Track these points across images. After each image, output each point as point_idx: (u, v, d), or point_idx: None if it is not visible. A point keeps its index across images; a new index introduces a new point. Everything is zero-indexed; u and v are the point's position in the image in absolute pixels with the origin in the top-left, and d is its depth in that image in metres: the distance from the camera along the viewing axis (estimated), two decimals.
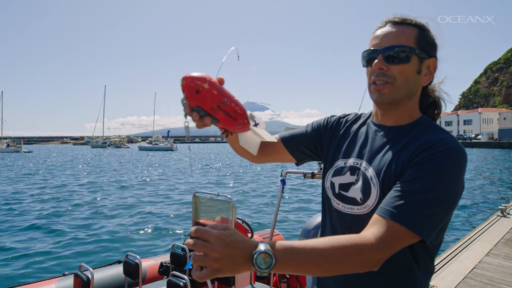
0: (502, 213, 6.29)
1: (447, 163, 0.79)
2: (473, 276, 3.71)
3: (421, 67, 0.91)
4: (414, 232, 0.76)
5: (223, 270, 0.64)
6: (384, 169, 0.88)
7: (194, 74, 0.71)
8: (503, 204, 6.85)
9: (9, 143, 73.02)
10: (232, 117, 0.77)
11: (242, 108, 0.79)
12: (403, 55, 0.88)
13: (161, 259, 3.44)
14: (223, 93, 0.74)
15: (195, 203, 3.42)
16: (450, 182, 0.79)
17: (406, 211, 0.77)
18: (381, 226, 0.77)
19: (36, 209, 9.93)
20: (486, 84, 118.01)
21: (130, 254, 2.93)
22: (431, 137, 0.85)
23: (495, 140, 61.93)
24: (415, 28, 0.91)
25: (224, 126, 0.80)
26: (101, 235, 7.41)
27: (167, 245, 6.92)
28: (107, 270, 3.20)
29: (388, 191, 0.84)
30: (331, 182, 1.00)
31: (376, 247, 0.74)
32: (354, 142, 1.01)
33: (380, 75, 0.90)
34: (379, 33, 0.93)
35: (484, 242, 4.77)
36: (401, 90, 0.90)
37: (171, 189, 14.51)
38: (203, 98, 0.71)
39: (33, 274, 5.29)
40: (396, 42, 0.89)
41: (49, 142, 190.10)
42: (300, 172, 3.61)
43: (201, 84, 0.70)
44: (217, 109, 0.74)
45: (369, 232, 0.77)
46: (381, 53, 0.90)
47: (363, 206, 0.90)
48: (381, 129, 0.97)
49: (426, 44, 0.91)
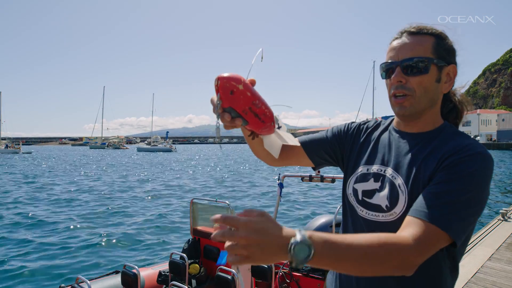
0: (503, 217, 6.26)
1: (476, 167, 0.79)
2: (476, 281, 3.67)
3: (440, 76, 0.90)
4: (448, 234, 0.75)
5: (252, 257, 0.62)
6: (413, 176, 0.87)
7: (229, 75, 0.70)
8: (504, 208, 6.82)
9: (7, 144, 72.77)
10: (261, 119, 0.76)
11: (270, 111, 0.79)
12: (421, 66, 0.88)
13: (159, 268, 3.37)
14: (255, 95, 0.74)
15: (193, 210, 3.36)
16: (479, 186, 0.79)
17: (441, 212, 0.76)
18: (417, 227, 0.75)
19: (27, 219, 9.77)
20: (484, 85, 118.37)
21: (127, 264, 2.88)
22: (457, 143, 0.85)
23: (494, 141, 62.09)
24: (432, 36, 0.91)
25: (253, 128, 0.79)
26: (96, 244, 7.31)
27: (161, 251, 6.85)
28: (104, 281, 3.14)
29: (416, 198, 0.83)
30: (354, 189, 0.99)
31: (415, 248, 0.72)
32: (376, 149, 1.01)
33: (399, 88, 0.90)
34: (396, 45, 0.92)
35: (486, 247, 4.73)
36: (421, 101, 0.90)
37: (169, 194, 14.43)
38: (237, 100, 0.70)
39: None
40: (413, 53, 0.88)
41: (48, 142, 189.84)
42: (298, 175, 3.58)
43: (236, 85, 0.69)
44: (248, 111, 0.73)
45: (406, 233, 0.75)
46: (399, 65, 0.90)
47: (389, 213, 0.89)
48: (404, 136, 0.96)
49: (444, 51, 0.90)
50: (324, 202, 11.82)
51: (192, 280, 3.02)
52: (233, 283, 2.62)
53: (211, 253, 3.19)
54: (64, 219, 9.45)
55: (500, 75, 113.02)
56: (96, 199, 12.77)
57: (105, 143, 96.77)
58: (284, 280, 3.46)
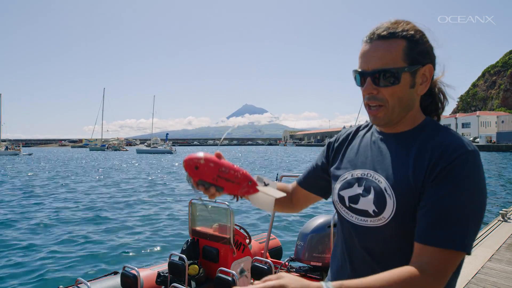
0: (503, 217, 6.25)
1: (470, 169, 0.78)
2: (476, 282, 3.66)
3: (414, 81, 0.88)
4: (465, 252, 0.75)
5: None
6: (399, 179, 0.85)
7: (190, 155, 0.81)
8: (504, 208, 6.80)
9: (7, 145, 72.65)
10: (235, 182, 0.84)
11: (243, 173, 0.86)
12: (392, 78, 0.85)
13: (158, 269, 3.35)
14: (220, 164, 0.83)
15: (191, 211, 3.35)
16: (479, 188, 0.78)
17: (453, 233, 0.75)
18: (434, 255, 0.75)
19: (23, 221, 9.74)
20: (484, 87, 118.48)
21: (127, 266, 2.86)
22: (443, 142, 0.83)
23: (493, 143, 62.08)
24: (404, 40, 0.86)
25: (230, 192, 0.86)
26: (95, 245, 7.27)
27: (160, 252, 6.82)
28: (104, 282, 3.12)
29: (405, 202, 0.82)
30: (340, 196, 0.98)
31: (436, 279, 0.73)
32: (360, 153, 0.99)
33: (372, 99, 0.89)
34: (366, 51, 0.88)
35: (486, 247, 4.72)
36: (395, 111, 0.88)
37: (167, 194, 14.41)
38: (203, 172, 0.80)
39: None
40: (382, 63, 0.85)
41: (48, 144, 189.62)
42: (296, 175, 3.57)
43: (197, 161, 0.80)
44: (218, 178, 0.82)
45: (425, 265, 0.74)
46: (369, 76, 0.87)
47: (378, 218, 0.87)
48: (386, 137, 0.95)
49: (417, 54, 0.87)
50: (322, 203, 11.80)
51: (192, 281, 3.00)
52: (233, 284, 2.60)
53: (210, 254, 3.18)
54: (63, 220, 9.44)
55: (499, 77, 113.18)
56: (95, 199, 12.75)
57: (105, 145, 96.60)
58: None
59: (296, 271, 3.39)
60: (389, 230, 0.86)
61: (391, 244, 0.87)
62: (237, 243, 3.12)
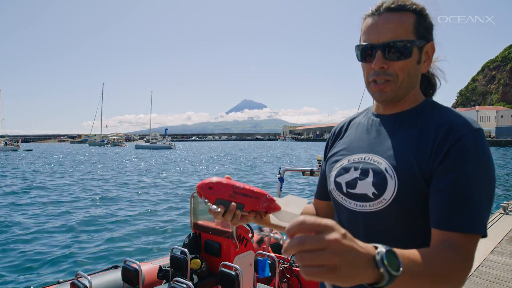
0: (504, 210, 6.26)
1: (480, 146, 0.76)
2: (479, 275, 3.66)
3: (421, 56, 0.85)
4: (484, 235, 0.73)
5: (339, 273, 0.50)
6: (401, 159, 0.81)
7: (202, 181, 0.81)
8: (505, 201, 6.81)
9: (7, 141, 72.51)
10: (253, 196, 0.80)
11: (258, 189, 0.83)
12: (404, 50, 0.81)
13: (159, 263, 3.33)
14: (232, 182, 0.81)
15: (193, 204, 3.32)
16: (490, 170, 0.76)
17: (472, 217, 0.72)
18: (459, 240, 0.72)
19: (25, 215, 9.75)
20: (483, 82, 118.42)
21: (128, 259, 2.83)
22: (445, 119, 0.80)
23: (493, 138, 62.21)
24: (413, 14, 0.83)
25: (251, 207, 0.81)
26: (96, 239, 7.28)
27: (162, 246, 6.82)
28: (104, 276, 3.09)
29: (408, 183, 0.78)
30: (337, 183, 0.93)
31: (467, 261, 0.70)
32: (356, 138, 0.96)
33: (381, 74, 0.84)
34: (374, 23, 0.84)
35: (488, 240, 4.71)
36: (403, 86, 0.84)
37: (169, 188, 14.42)
38: (218, 190, 0.79)
39: (24, 283, 5.17)
40: (394, 35, 0.81)
41: (47, 140, 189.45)
42: (298, 169, 3.53)
43: (209, 182, 0.80)
44: (234, 194, 0.79)
45: (452, 251, 0.71)
46: (380, 49, 0.82)
47: (378, 201, 0.83)
48: (385, 120, 0.91)
49: (424, 30, 0.84)
50: None
51: (194, 275, 2.98)
52: (236, 278, 2.58)
53: (213, 248, 3.15)
54: (63, 214, 9.44)
55: (499, 71, 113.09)
56: (96, 194, 12.75)
57: (104, 140, 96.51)
58: (284, 275, 3.43)
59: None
60: (390, 214, 0.82)
61: (393, 230, 0.83)
62: (239, 237, 3.10)
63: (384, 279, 0.53)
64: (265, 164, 27.93)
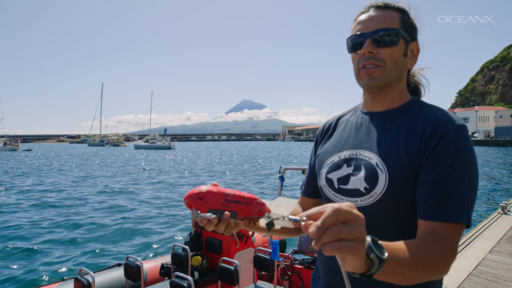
0: (503, 210, 6.28)
1: (464, 145, 0.80)
2: (477, 274, 3.68)
3: (407, 50, 0.92)
4: (469, 224, 0.78)
5: (353, 253, 0.52)
6: (391, 154, 0.85)
7: (190, 191, 0.77)
8: (504, 201, 6.84)
9: (6, 141, 72.40)
10: (244, 203, 0.77)
11: (248, 193, 0.80)
12: (392, 38, 0.88)
13: (161, 260, 3.37)
14: (222, 189, 0.78)
15: None
16: (473, 163, 0.81)
17: (458, 208, 0.76)
18: (444, 230, 0.76)
19: (29, 212, 9.77)
20: (482, 82, 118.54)
21: (130, 256, 2.87)
22: (432, 116, 0.85)
23: (492, 138, 62.28)
24: (398, 12, 0.92)
25: (244, 214, 0.78)
26: (99, 237, 7.30)
27: (164, 243, 6.84)
28: (107, 273, 3.14)
29: (398, 176, 0.82)
30: (328, 179, 0.95)
31: (450, 250, 0.74)
32: (346, 135, 0.99)
33: (370, 59, 0.89)
34: (364, 18, 0.92)
35: (486, 240, 4.75)
36: (391, 73, 0.89)
37: (170, 188, 14.43)
38: (209, 199, 0.75)
39: (29, 280, 5.18)
40: (383, 25, 0.89)
41: (46, 140, 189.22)
42: (298, 168, 3.56)
43: (199, 192, 0.75)
44: (226, 202, 0.76)
45: (438, 240, 0.75)
46: (369, 36, 0.89)
47: (369, 195, 0.86)
48: (374, 116, 0.95)
49: (409, 27, 0.92)
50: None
51: (195, 272, 3.01)
52: (235, 273, 2.60)
53: (213, 245, 3.18)
54: (66, 212, 9.46)
55: (498, 72, 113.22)
56: (98, 192, 12.76)
57: (104, 141, 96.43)
58: (285, 273, 3.45)
59: (299, 263, 3.39)
60: (380, 207, 0.84)
61: (384, 222, 0.85)
62: (240, 235, 3.12)
63: (375, 265, 0.56)
64: (271, 162, 27.96)
